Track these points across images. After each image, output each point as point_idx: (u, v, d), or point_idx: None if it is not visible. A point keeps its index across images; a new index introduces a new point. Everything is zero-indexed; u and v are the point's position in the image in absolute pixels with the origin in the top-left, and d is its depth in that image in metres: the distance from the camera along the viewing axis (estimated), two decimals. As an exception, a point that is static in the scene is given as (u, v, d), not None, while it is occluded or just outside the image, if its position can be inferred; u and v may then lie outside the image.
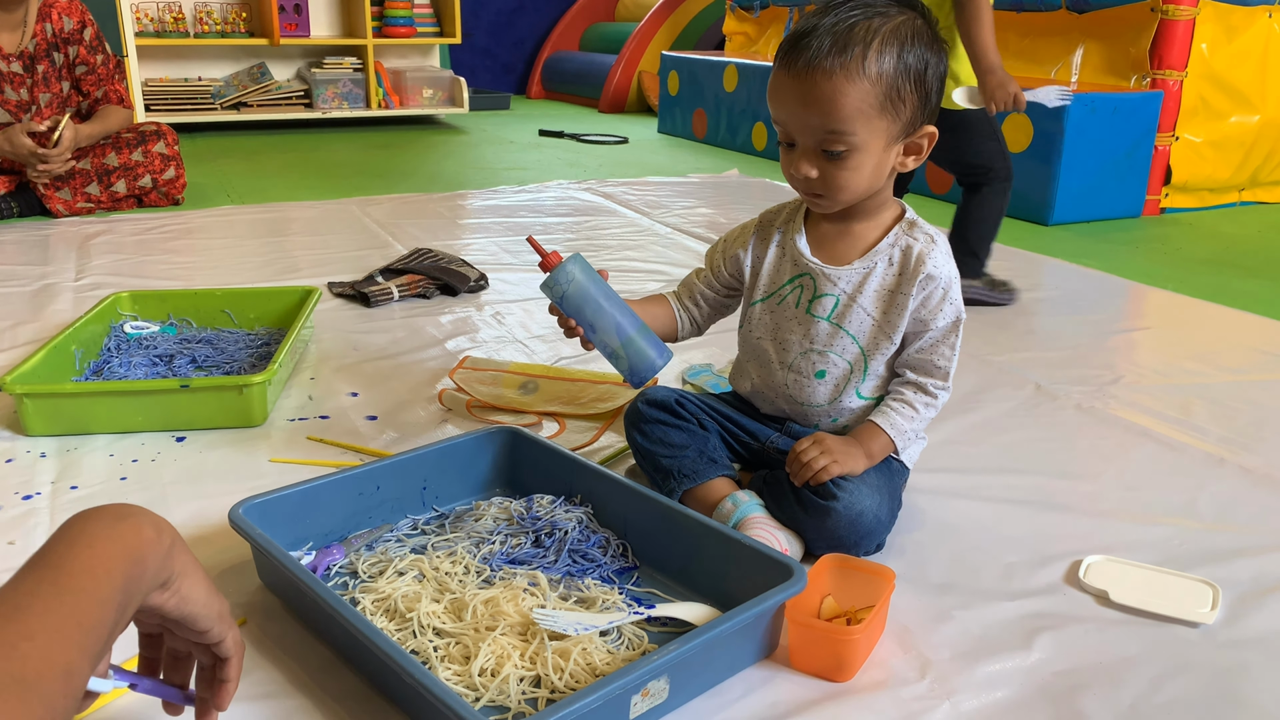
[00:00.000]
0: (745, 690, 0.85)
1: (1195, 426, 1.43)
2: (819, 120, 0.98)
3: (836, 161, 1.00)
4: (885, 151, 1.01)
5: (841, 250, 1.09)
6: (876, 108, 0.97)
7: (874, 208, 1.08)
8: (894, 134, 1.00)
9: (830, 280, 1.08)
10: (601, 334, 1.07)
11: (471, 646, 0.85)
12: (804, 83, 0.98)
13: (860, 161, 1.00)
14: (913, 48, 0.98)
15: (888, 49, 0.97)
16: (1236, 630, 0.95)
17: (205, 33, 4.42)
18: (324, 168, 3.55)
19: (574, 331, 1.09)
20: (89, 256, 2.24)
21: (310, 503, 1.02)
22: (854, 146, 0.99)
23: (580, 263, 1.07)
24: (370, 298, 1.91)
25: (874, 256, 1.07)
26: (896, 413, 1.07)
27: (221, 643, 0.67)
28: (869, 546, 1.04)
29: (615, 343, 1.07)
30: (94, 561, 0.55)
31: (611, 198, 3.06)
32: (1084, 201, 2.84)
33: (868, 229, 1.09)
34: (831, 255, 1.09)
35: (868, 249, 1.08)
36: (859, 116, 0.97)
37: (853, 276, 1.08)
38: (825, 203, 1.05)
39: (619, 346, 1.07)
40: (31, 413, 1.29)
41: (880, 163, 1.02)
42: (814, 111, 0.98)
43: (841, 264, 1.08)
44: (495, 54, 6.28)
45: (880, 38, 0.97)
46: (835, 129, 0.98)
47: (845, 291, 1.08)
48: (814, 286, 1.09)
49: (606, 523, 1.06)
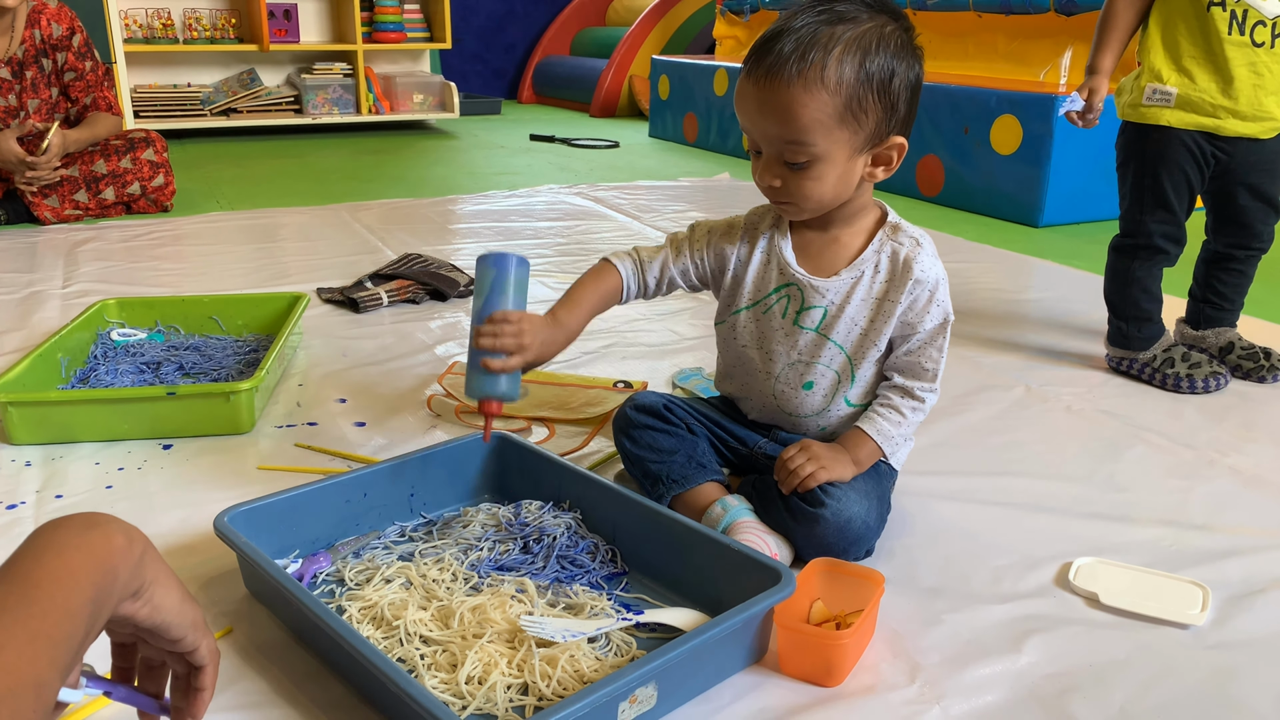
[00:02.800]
0: (734, 696, 0.85)
1: (1185, 428, 1.43)
2: (777, 129, 0.96)
3: (799, 171, 0.98)
4: (850, 162, 0.99)
5: (828, 260, 1.08)
6: (835, 118, 0.95)
7: (854, 213, 1.07)
8: (857, 145, 0.98)
9: (819, 292, 1.07)
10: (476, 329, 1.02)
11: (458, 654, 0.84)
12: (764, 90, 0.96)
13: (822, 172, 0.98)
14: (877, 55, 0.95)
15: (849, 57, 0.94)
16: (1226, 632, 0.95)
17: (194, 39, 4.41)
18: (314, 173, 3.54)
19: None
20: (76, 263, 2.22)
21: (297, 510, 1.01)
22: (815, 157, 0.97)
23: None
24: (359, 303, 1.90)
25: (860, 265, 1.06)
26: (884, 419, 1.07)
27: (196, 651, 0.66)
28: (858, 553, 1.03)
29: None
30: (62, 572, 0.54)
31: (602, 202, 3.06)
32: (1074, 203, 2.85)
33: (851, 235, 1.07)
34: (818, 266, 1.08)
35: (853, 257, 1.07)
36: (817, 127, 0.95)
37: (840, 287, 1.07)
38: (793, 210, 1.04)
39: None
40: (16, 421, 1.28)
41: (845, 173, 0.99)
42: (773, 120, 0.96)
43: (828, 274, 1.07)
44: (486, 59, 6.28)
45: (842, 45, 0.94)
46: (794, 139, 0.96)
47: (834, 302, 1.07)
48: (801, 298, 1.08)
49: (595, 528, 1.06)
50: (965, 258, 2.40)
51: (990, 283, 2.19)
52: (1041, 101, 2.73)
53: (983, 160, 2.93)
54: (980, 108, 2.91)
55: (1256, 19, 1.46)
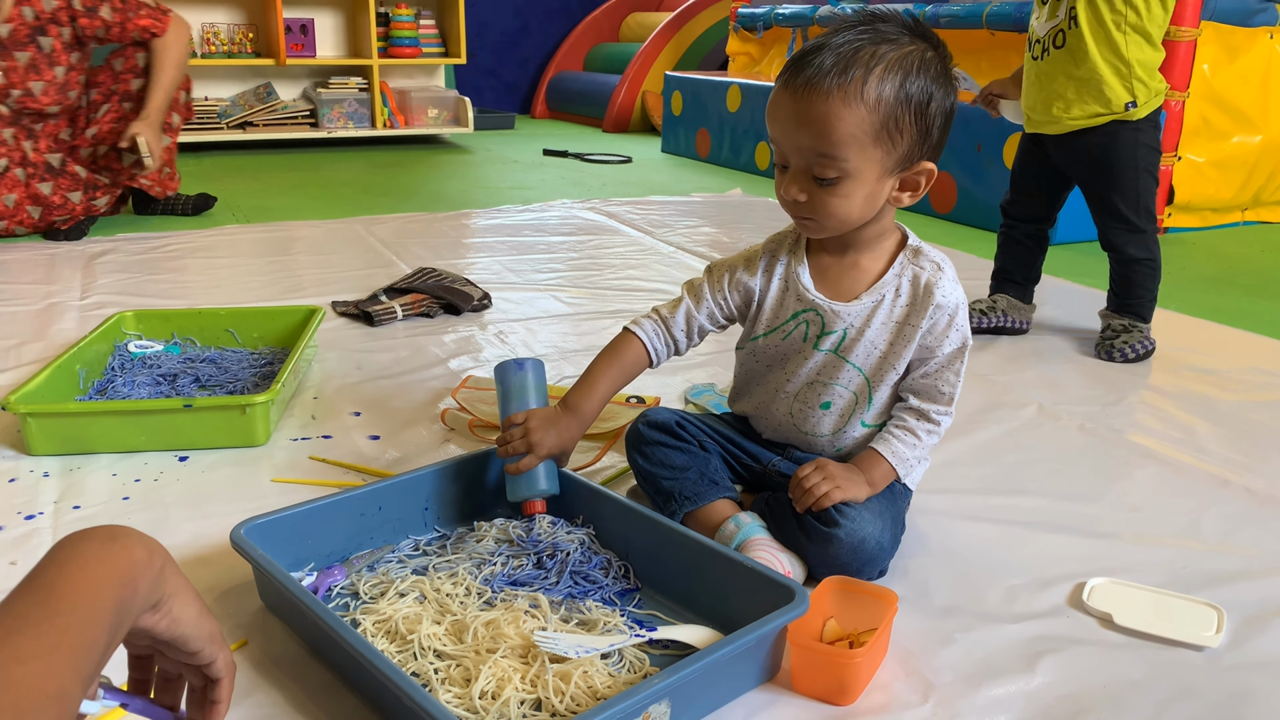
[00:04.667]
0: (747, 714, 0.85)
1: (1199, 448, 1.42)
2: (810, 142, 0.96)
3: (827, 188, 0.98)
4: (878, 183, 0.99)
5: (847, 285, 1.07)
6: (871, 135, 0.95)
7: (874, 237, 1.06)
8: (889, 165, 0.98)
9: (839, 316, 1.07)
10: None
11: (472, 669, 0.84)
12: (800, 101, 0.96)
13: (851, 189, 0.98)
14: (917, 78, 0.96)
15: (890, 76, 0.95)
16: (1241, 654, 0.95)
17: (212, 53, 4.45)
18: (329, 187, 3.57)
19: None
20: (94, 275, 2.24)
21: (312, 523, 1.02)
22: (845, 173, 0.97)
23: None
24: (374, 317, 1.91)
25: (881, 289, 1.06)
26: (899, 440, 1.07)
27: (213, 664, 0.66)
28: (871, 573, 1.03)
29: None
30: (85, 584, 0.55)
31: (615, 217, 3.07)
32: (1085, 221, 2.82)
33: (871, 260, 1.07)
34: (837, 290, 1.07)
35: (873, 282, 1.06)
36: (852, 142, 0.95)
37: (860, 311, 1.06)
38: (814, 226, 1.03)
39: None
40: (35, 432, 1.30)
41: (872, 194, 0.99)
42: (807, 132, 0.96)
43: (848, 299, 1.07)
44: (500, 74, 6.32)
45: (884, 64, 0.95)
46: (827, 152, 0.96)
47: (853, 325, 1.07)
48: (821, 323, 1.07)
49: (608, 544, 1.06)
50: (977, 275, 2.39)
51: (1003, 300, 2.19)
52: (1054, 119, 2.73)
53: (995, 178, 2.93)
54: (993, 125, 2.91)
55: (1035, 38, 1.85)
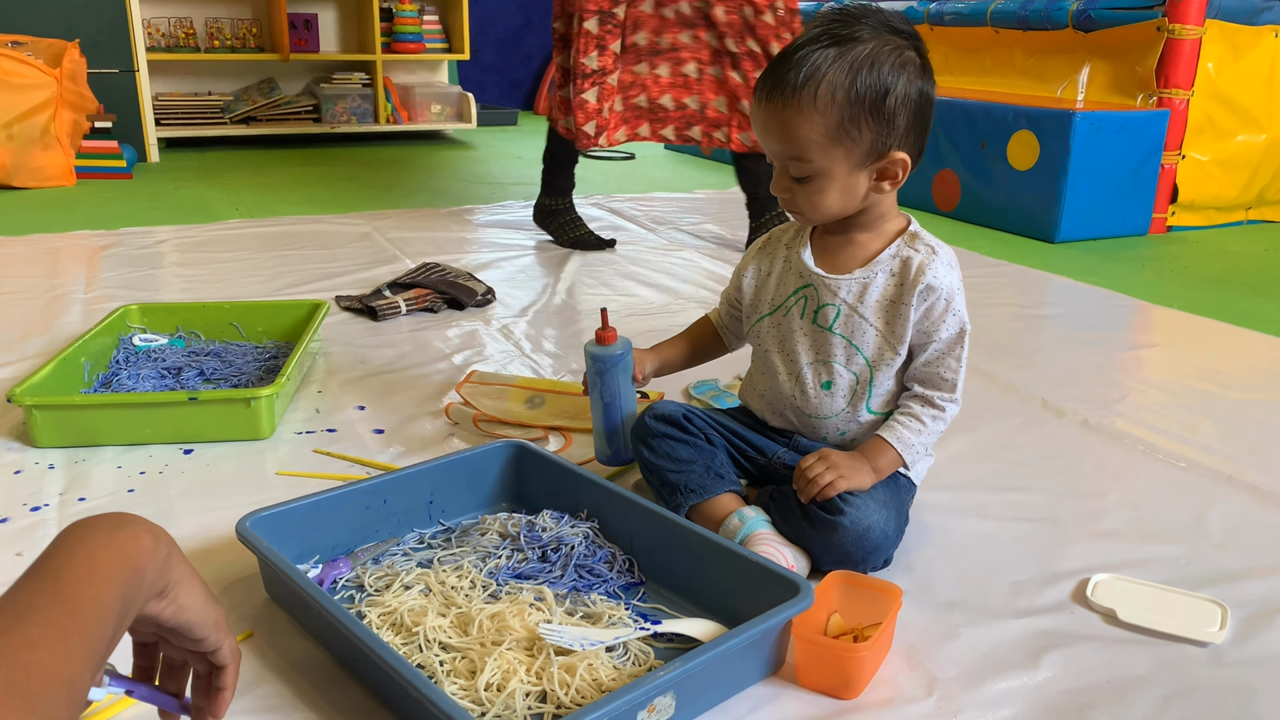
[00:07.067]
0: (751, 707, 0.85)
1: (1203, 445, 1.42)
2: (779, 147, 1.02)
3: (804, 185, 1.03)
4: (850, 176, 1.02)
5: (843, 260, 1.10)
6: (828, 137, 0.99)
7: (874, 220, 1.09)
8: (856, 160, 1.01)
9: (831, 290, 1.09)
10: (605, 412, 1.21)
11: (477, 661, 0.85)
12: (765, 111, 1.02)
13: (824, 185, 1.03)
14: (869, 75, 0.98)
15: (840, 80, 0.98)
16: (1245, 650, 0.95)
17: (216, 48, 4.45)
18: (332, 182, 3.57)
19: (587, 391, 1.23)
20: (99, 269, 2.25)
21: (317, 516, 1.02)
22: (815, 172, 1.02)
23: (628, 355, 1.21)
24: (378, 311, 1.91)
25: (874, 267, 1.08)
26: (904, 427, 1.07)
27: (218, 651, 0.67)
28: (876, 562, 1.04)
29: (603, 427, 1.22)
30: (93, 570, 0.55)
31: (618, 213, 3.07)
32: (1090, 219, 2.84)
33: (870, 240, 1.10)
34: (833, 265, 1.10)
35: (869, 259, 1.09)
36: (812, 145, 1.00)
37: (853, 286, 1.08)
38: (804, 218, 1.09)
39: (604, 430, 1.23)
40: (40, 424, 1.30)
41: (847, 186, 1.03)
42: (774, 139, 1.03)
43: (842, 273, 1.09)
44: (503, 70, 6.31)
45: (835, 69, 0.98)
46: (795, 155, 1.01)
47: (846, 301, 1.09)
48: (816, 297, 1.10)
49: (613, 538, 1.06)
50: (981, 273, 2.40)
51: (1006, 298, 2.19)
52: (1058, 117, 2.73)
53: (999, 176, 2.93)
54: (997, 123, 2.91)
55: None
